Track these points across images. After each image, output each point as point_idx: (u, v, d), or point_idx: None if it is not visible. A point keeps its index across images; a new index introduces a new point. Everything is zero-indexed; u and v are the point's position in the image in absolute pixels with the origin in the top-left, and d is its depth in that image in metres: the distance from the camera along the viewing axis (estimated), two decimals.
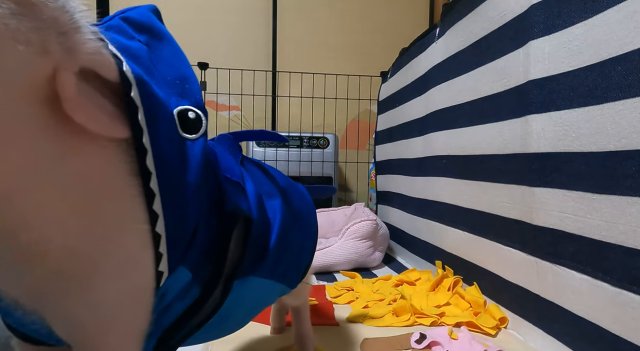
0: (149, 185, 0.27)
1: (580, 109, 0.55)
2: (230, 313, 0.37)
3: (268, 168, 0.47)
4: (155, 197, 0.27)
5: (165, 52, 0.33)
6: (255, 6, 2.14)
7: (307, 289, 0.57)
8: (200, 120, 0.31)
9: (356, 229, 1.13)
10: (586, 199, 0.54)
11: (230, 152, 0.40)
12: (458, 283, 0.87)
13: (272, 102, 2.12)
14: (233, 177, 0.35)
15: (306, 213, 0.48)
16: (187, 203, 0.29)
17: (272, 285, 0.42)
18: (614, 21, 0.50)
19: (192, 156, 0.30)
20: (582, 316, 0.55)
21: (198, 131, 0.31)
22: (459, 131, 0.88)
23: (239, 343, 0.64)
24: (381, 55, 1.95)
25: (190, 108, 0.31)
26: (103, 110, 0.24)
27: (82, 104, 0.22)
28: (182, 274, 0.31)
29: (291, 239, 0.42)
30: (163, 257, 0.28)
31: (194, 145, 0.30)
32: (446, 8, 0.97)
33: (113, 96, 0.25)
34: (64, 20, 0.21)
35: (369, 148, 2.15)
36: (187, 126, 0.30)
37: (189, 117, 0.31)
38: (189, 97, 0.32)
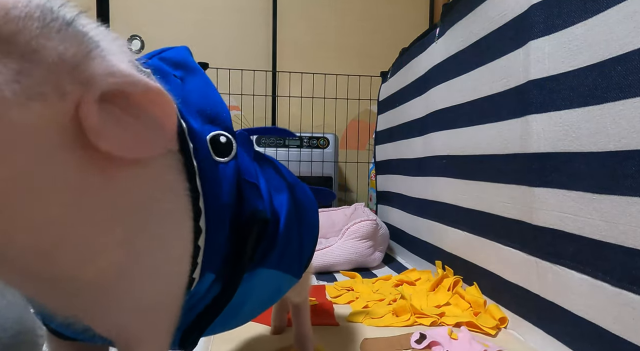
0: (197, 204, 0.29)
1: (580, 109, 0.55)
2: (242, 304, 0.39)
3: (277, 163, 0.48)
4: (201, 214, 0.30)
5: (198, 83, 0.36)
6: (255, 6, 2.14)
7: (308, 283, 0.58)
8: (231, 143, 0.34)
9: (356, 229, 1.13)
10: (586, 199, 0.54)
11: (244, 150, 0.41)
12: (458, 283, 0.87)
13: (272, 102, 2.12)
14: (250, 179, 0.37)
15: (309, 207, 0.50)
16: (224, 221, 0.32)
17: (280, 275, 0.43)
18: (614, 21, 0.50)
19: (225, 178, 0.33)
20: (582, 316, 0.55)
21: (229, 154, 0.33)
22: (459, 131, 0.88)
23: (239, 343, 0.64)
24: (381, 55, 1.95)
25: (222, 133, 0.34)
26: (129, 131, 0.23)
27: (105, 132, 0.22)
28: (208, 277, 0.33)
29: (295, 231, 0.44)
30: (198, 266, 0.31)
31: (226, 167, 0.33)
32: (446, 8, 0.97)
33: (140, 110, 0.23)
34: (71, 54, 0.20)
35: (369, 148, 2.15)
36: (219, 150, 0.33)
37: (221, 142, 0.33)
38: (220, 124, 0.34)
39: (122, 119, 0.22)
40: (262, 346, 0.64)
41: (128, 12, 2.06)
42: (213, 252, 0.33)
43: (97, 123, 0.21)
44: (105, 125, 0.22)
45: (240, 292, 0.37)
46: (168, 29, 2.08)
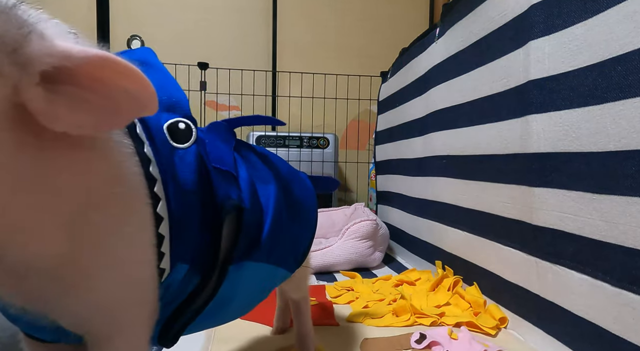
0: (154, 190, 0.29)
1: (580, 109, 0.55)
2: (230, 298, 0.39)
3: (270, 155, 0.47)
4: (160, 201, 0.29)
5: (156, 76, 0.34)
6: (256, 6, 2.14)
7: (307, 277, 0.58)
8: (190, 130, 0.33)
9: (356, 229, 1.13)
10: (586, 199, 0.54)
11: (222, 139, 0.41)
12: (458, 283, 0.87)
13: (272, 102, 2.12)
14: (223, 167, 0.37)
15: (305, 199, 0.49)
16: (190, 208, 0.32)
17: (271, 269, 0.43)
18: (614, 21, 0.50)
19: (185, 164, 0.32)
20: (582, 316, 0.55)
21: (189, 139, 0.33)
22: (459, 131, 0.88)
23: (239, 343, 0.64)
24: (381, 55, 1.95)
25: (181, 120, 0.33)
26: (85, 108, 0.22)
27: (57, 114, 0.21)
28: (181, 268, 0.33)
29: (287, 224, 0.44)
30: (165, 256, 0.31)
31: (186, 153, 0.33)
32: (446, 8, 0.97)
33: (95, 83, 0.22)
34: (10, 37, 0.20)
35: (369, 148, 2.15)
36: (178, 136, 0.33)
37: (180, 128, 0.33)
38: (178, 111, 0.34)
39: (77, 96, 0.22)
40: (262, 346, 0.64)
41: (128, 12, 2.06)
42: (183, 241, 0.32)
43: (44, 106, 0.21)
44: (55, 106, 0.21)
45: (226, 287, 0.36)
46: (168, 29, 2.08)
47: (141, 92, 0.22)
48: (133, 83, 0.22)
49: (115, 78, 0.22)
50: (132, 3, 2.07)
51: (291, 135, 1.82)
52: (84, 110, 0.22)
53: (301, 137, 1.83)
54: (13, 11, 0.20)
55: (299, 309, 0.59)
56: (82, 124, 0.22)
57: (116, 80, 0.22)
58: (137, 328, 0.31)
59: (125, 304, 0.30)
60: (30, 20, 0.21)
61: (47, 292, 0.27)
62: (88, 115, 0.22)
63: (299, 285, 0.56)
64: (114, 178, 0.27)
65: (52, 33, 0.21)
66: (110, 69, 0.21)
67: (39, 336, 0.33)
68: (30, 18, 0.21)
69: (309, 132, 1.86)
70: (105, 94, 0.22)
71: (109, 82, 0.22)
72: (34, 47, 0.21)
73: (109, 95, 0.22)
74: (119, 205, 0.27)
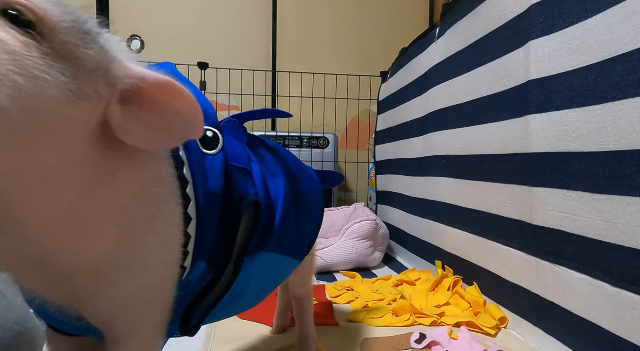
0: (185, 191, 0.31)
1: (580, 109, 0.55)
2: (245, 288, 0.40)
3: (280, 149, 0.49)
4: (191, 201, 0.31)
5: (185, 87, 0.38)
6: (255, 6, 2.14)
7: (312, 271, 0.59)
8: (217, 138, 0.36)
9: (356, 229, 1.13)
10: (586, 199, 0.54)
11: (236, 137, 0.42)
12: (458, 283, 0.87)
13: (272, 102, 2.12)
14: (239, 165, 0.39)
15: (312, 191, 0.51)
16: (214, 209, 0.34)
17: (281, 259, 0.44)
18: (614, 21, 0.50)
19: (214, 169, 0.35)
20: (582, 316, 0.55)
21: (216, 147, 0.36)
22: (459, 131, 0.88)
23: (239, 343, 0.64)
24: (381, 55, 1.95)
25: (209, 129, 0.36)
26: (148, 127, 0.25)
27: (129, 129, 0.25)
28: (199, 266, 0.34)
29: (295, 215, 0.45)
30: (189, 255, 0.32)
31: (214, 159, 0.35)
32: (446, 8, 0.97)
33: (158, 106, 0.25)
34: (104, 62, 0.24)
35: (369, 148, 2.15)
36: (207, 143, 0.35)
37: (208, 136, 0.36)
38: (206, 121, 0.36)
39: (142, 116, 0.25)
40: (262, 346, 0.64)
41: (128, 12, 2.06)
42: (204, 240, 0.33)
43: (122, 122, 0.24)
44: (127, 123, 0.25)
45: (242, 277, 0.38)
46: (168, 29, 2.08)
47: (192, 115, 0.26)
48: (187, 106, 0.25)
49: (174, 101, 0.25)
50: (132, 3, 2.06)
51: (291, 135, 1.82)
52: (147, 127, 0.25)
53: (301, 137, 1.83)
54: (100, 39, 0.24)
55: (301, 308, 0.59)
56: (148, 139, 0.26)
57: (174, 103, 0.25)
58: (153, 328, 0.32)
59: (147, 303, 0.31)
60: (112, 46, 0.24)
61: (87, 291, 0.28)
62: (151, 132, 0.25)
63: (304, 279, 0.57)
64: (156, 179, 0.29)
65: (125, 58, 0.25)
66: (172, 93, 0.25)
67: (64, 329, 0.34)
68: (111, 45, 0.24)
69: (309, 132, 1.86)
70: (161, 115, 0.25)
71: (167, 104, 0.25)
72: (116, 70, 0.24)
73: (164, 116, 0.25)
74: (158, 204, 0.29)
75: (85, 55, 0.23)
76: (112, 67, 0.24)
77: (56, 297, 0.29)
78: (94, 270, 0.27)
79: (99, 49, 0.23)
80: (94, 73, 0.23)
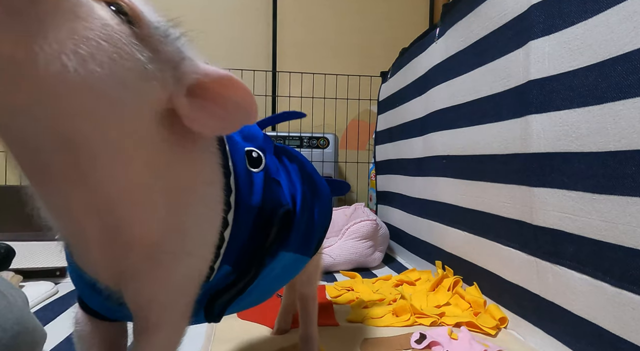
0: (229, 199, 0.34)
1: (580, 109, 0.55)
2: (265, 283, 0.43)
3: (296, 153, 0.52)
4: (231, 209, 0.34)
5: None
6: (255, 6, 2.14)
7: (319, 270, 0.61)
8: (261, 158, 0.41)
9: (356, 229, 1.13)
10: (586, 199, 0.54)
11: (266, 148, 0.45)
12: (458, 283, 0.87)
13: (272, 102, 2.12)
14: (275, 176, 0.43)
15: (323, 192, 0.53)
16: (249, 219, 0.37)
17: (296, 257, 0.47)
18: (614, 21, 0.50)
19: (256, 184, 0.39)
20: (582, 316, 0.55)
21: (259, 166, 0.40)
22: (459, 131, 0.88)
23: (239, 343, 0.64)
24: (381, 55, 1.95)
25: (254, 150, 0.41)
26: (212, 115, 0.30)
27: (195, 118, 0.29)
28: (224, 269, 0.37)
29: (309, 215, 0.48)
30: (220, 257, 0.35)
31: (257, 176, 0.39)
32: (446, 8, 0.97)
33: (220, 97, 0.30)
34: (176, 57, 0.28)
35: (369, 148, 2.15)
36: (252, 162, 0.40)
37: (253, 156, 0.40)
38: (254, 142, 0.42)
39: (208, 107, 0.29)
40: (262, 346, 0.64)
41: None
42: (234, 246, 0.36)
43: (188, 112, 0.29)
44: (194, 113, 0.29)
45: (262, 274, 0.40)
46: None
47: (249, 105, 0.30)
48: (244, 97, 0.30)
49: (233, 93, 0.30)
50: None
51: (291, 135, 1.82)
52: (211, 116, 0.30)
53: (301, 137, 1.83)
54: (177, 41, 0.29)
55: (306, 310, 0.59)
56: (211, 127, 0.30)
57: (233, 94, 0.30)
58: (181, 319, 0.34)
59: (182, 294, 0.34)
60: (184, 47, 0.29)
61: (136, 269, 0.31)
62: (214, 120, 0.30)
63: (311, 276, 0.59)
64: (208, 180, 0.33)
65: (194, 56, 0.29)
66: (232, 86, 0.30)
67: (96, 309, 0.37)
68: (184, 45, 0.29)
69: (309, 132, 1.86)
70: (223, 105, 0.30)
71: (227, 95, 0.30)
72: (186, 66, 0.29)
73: (225, 106, 0.30)
74: (206, 203, 0.33)
75: (162, 49, 0.27)
76: (182, 63, 0.28)
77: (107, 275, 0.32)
78: (146, 248, 0.30)
79: (174, 48, 0.28)
80: (166, 64, 0.27)
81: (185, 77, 0.28)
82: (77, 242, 0.31)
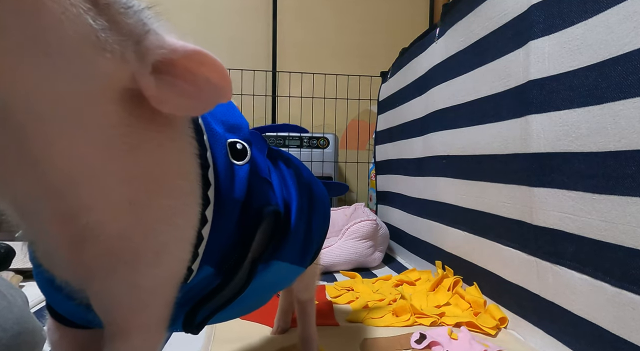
0: (206, 193, 0.31)
1: (580, 109, 0.55)
2: (254, 292, 0.41)
3: (293, 158, 0.50)
4: (210, 204, 0.32)
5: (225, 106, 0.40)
6: (255, 6, 2.14)
7: (317, 277, 0.60)
8: (246, 150, 0.37)
9: (356, 229, 1.13)
10: (586, 199, 0.54)
11: (258, 149, 0.43)
12: (458, 283, 0.87)
13: (272, 102, 2.12)
14: (263, 175, 0.40)
15: (321, 199, 0.52)
16: (231, 215, 0.34)
17: (290, 267, 0.45)
18: (614, 21, 0.50)
19: (239, 178, 0.36)
20: (582, 316, 0.55)
21: (244, 159, 0.37)
22: (459, 131, 0.88)
23: (239, 343, 0.64)
24: (381, 55, 1.95)
25: (239, 141, 0.37)
26: (181, 94, 0.26)
27: (163, 98, 0.26)
28: (205, 270, 0.34)
29: (305, 223, 0.46)
30: (198, 257, 0.32)
31: (240, 169, 0.36)
32: (446, 8, 0.97)
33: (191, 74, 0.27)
34: (139, 31, 0.25)
35: (369, 148, 2.15)
36: (236, 154, 0.36)
37: (237, 148, 0.37)
38: (238, 133, 0.38)
39: (177, 85, 0.26)
40: (262, 346, 0.64)
41: None
42: (215, 245, 0.33)
43: (155, 92, 0.26)
44: (162, 92, 0.26)
45: (253, 283, 0.38)
46: None
47: (221, 81, 0.27)
48: (216, 73, 0.27)
49: (204, 69, 0.26)
50: None
51: (291, 135, 1.82)
52: (181, 95, 0.26)
53: (301, 137, 1.83)
54: (141, 13, 0.26)
55: (304, 311, 0.59)
56: (182, 106, 0.27)
57: (204, 70, 0.26)
58: (154, 325, 0.32)
59: (152, 296, 0.31)
60: (149, 20, 0.26)
61: (99, 265, 0.28)
62: (185, 99, 0.27)
63: (309, 285, 0.58)
64: (180, 172, 0.30)
65: (162, 30, 0.26)
66: (202, 61, 0.26)
67: (69, 317, 0.35)
68: (149, 18, 0.26)
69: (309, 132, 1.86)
70: (193, 82, 0.26)
71: (198, 72, 0.26)
72: (151, 40, 0.25)
73: (195, 83, 0.26)
74: (178, 197, 0.30)
75: (122, 20, 0.24)
76: (146, 37, 0.25)
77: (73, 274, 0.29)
78: (108, 243, 0.27)
79: (137, 20, 0.25)
80: (126, 37, 0.24)
81: (150, 52, 0.25)
82: (37, 237, 0.29)
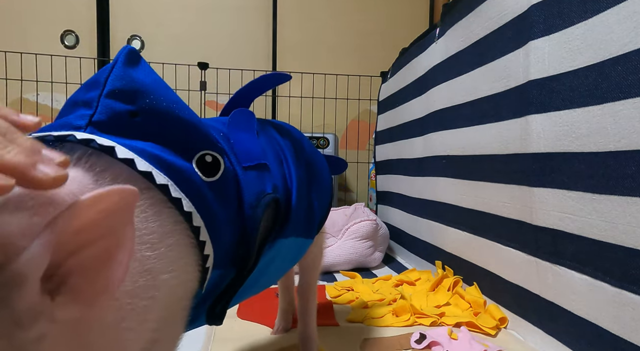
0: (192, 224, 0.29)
1: (580, 109, 0.55)
2: (264, 272, 0.41)
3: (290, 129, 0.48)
4: (200, 229, 0.30)
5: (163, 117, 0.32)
6: (255, 6, 2.14)
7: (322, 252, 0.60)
8: (218, 161, 0.33)
9: (356, 229, 1.13)
10: (586, 199, 0.54)
11: (243, 129, 0.40)
12: (458, 283, 0.87)
13: (272, 102, 2.12)
14: (253, 162, 0.38)
15: (321, 169, 0.52)
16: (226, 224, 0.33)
17: (298, 240, 0.45)
18: (614, 21, 0.50)
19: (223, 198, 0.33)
20: (582, 316, 0.55)
21: (219, 169, 0.33)
22: (459, 131, 0.88)
23: (239, 343, 0.64)
24: (381, 55, 1.95)
25: (208, 153, 0.33)
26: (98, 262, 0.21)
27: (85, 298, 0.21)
28: (215, 273, 0.34)
29: (308, 196, 0.46)
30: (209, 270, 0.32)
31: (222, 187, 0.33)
32: (446, 8, 0.97)
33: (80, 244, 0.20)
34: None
35: (369, 148, 2.15)
36: (208, 169, 0.32)
37: (207, 161, 0.32)
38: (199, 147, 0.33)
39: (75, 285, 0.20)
40: (262, 346, 0.64)
41: (128, 12, 2.06)
42: (220, 253, 0.33)
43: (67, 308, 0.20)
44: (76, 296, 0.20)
45: (261, 263, 0.38)
46: (168, 29, 2.08)
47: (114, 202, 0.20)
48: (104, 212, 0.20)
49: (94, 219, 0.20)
50: (132, 3, 2.06)
51: None
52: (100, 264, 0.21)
53: None
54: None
55: (306, 305, 0.59)
56: (88, 300, 0.21)
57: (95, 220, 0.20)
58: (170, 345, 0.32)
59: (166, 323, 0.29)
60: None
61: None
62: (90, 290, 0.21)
63: (316, 259, 0.59)
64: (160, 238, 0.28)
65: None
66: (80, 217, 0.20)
67: None
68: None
69: (309, 132, 1.86)
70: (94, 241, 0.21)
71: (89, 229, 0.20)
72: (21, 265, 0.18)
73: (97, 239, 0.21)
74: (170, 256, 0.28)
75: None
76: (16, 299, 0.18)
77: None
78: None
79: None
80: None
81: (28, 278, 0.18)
82: None
